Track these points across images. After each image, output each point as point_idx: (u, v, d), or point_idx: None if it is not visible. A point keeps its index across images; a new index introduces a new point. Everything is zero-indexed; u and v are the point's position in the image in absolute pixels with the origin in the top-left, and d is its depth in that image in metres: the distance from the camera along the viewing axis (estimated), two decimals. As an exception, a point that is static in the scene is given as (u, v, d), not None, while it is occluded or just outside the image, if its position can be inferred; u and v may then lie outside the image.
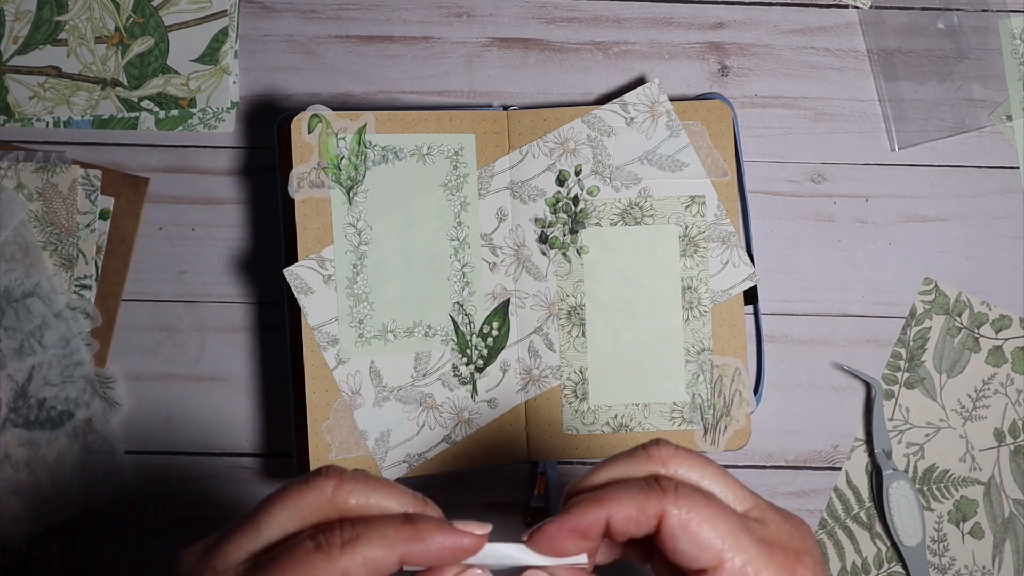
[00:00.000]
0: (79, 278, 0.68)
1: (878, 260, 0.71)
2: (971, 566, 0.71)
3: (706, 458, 0.43)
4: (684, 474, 0.43)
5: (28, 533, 0.67)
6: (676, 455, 0.43)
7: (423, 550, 0.40)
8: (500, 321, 0.68)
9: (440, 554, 0.40)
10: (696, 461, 0.43)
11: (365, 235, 0.66)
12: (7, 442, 0.67)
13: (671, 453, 0.43)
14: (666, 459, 0.43)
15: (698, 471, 0.43)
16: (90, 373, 0.68)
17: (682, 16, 0.71)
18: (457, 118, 0.67)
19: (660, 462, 0.43)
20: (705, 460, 0.43)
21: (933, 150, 0.71)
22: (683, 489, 0.41)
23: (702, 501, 0.41)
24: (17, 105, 0.69)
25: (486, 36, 0.71)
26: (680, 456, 0.43)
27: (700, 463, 0.43)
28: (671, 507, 0.40)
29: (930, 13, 0.71)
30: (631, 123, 0.68)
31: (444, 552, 0.40)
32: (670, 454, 0.43)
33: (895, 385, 0.71)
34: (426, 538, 0.40)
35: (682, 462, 0.43)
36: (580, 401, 0.68)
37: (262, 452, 0.69)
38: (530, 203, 0.68)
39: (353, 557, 0.39)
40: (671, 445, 0.43)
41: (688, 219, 0.68)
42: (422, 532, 0.40)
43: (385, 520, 0.40)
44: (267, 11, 0.71)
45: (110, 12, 0.69)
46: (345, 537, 0.39)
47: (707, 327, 0.68)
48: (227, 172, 0.70)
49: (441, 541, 0.40)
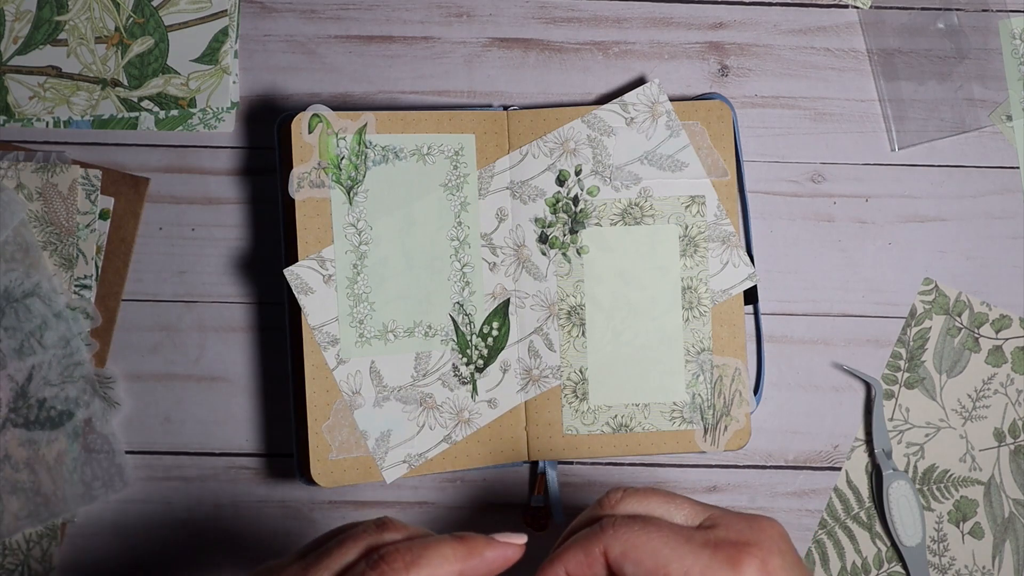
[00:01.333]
0: (79, 278, 0.68)
1: (878, 260, 0.71)
2: (971, 566, 0.71)
3: (652, 489, 0.47)
4: (630, 508, 0.46)
5: (28, 533, 0.67)
6: (624, 497, 0.47)
7: (478, 564, 0.43)
8: (500, 321, 0.68)
9: (491, 566, 0.44)
10: (641, 495, 0.47)
11: (365, 235, 0.66)
12: (7, 442, 0.67)
13: (619, 497, 0.47)
14: (614, 503, 0.46)
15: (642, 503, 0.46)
16: (90, 373, 0.68)
17: (682, 16, 0.71)
18: (457, 118, 0.67)
19: (609, 507, 0.46)
20: (649, 491, 0.47)
21: (933, 150, 0.72)
22: (620, 523, 0.44)
23: (637, 527, 0.44)
24: (17, 105, 0.69)
25: (486, 36, 0.71)
26: (627, 496, 0.47)
27: (644, 495, 0.47)
28: (610, 541, 0.44)
29: (930, 13, 0.71)
30: (631, 123, 0.68)
31: (495, 563, 0.44)
32: (618, 498, 0.47)
33: (895, 385, 0.71)
34: (480, 553, 0.44)
35: (628, 500, 0.47)
36: (580, 401, 0.68)
37: (262, 452, 0.69)
38: (530, 203, 0.68)
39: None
40: (619, 490, 0.47)
41: (688, 219, 0.68)
42: (476, 548, 0.44)
43: (439, 540, 0.44)
44: (267, 11, 0.71)
45: (110, 12, 0.69)
46: (407, 560, 0.42)
47: (707, 327, 0.68)
48: (227, 172, 0.70)
49: (492, 553, 0.44)
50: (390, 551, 0.42)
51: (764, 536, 0.45)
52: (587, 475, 0.70)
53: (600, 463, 0.71)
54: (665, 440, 0.67)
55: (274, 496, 0.69)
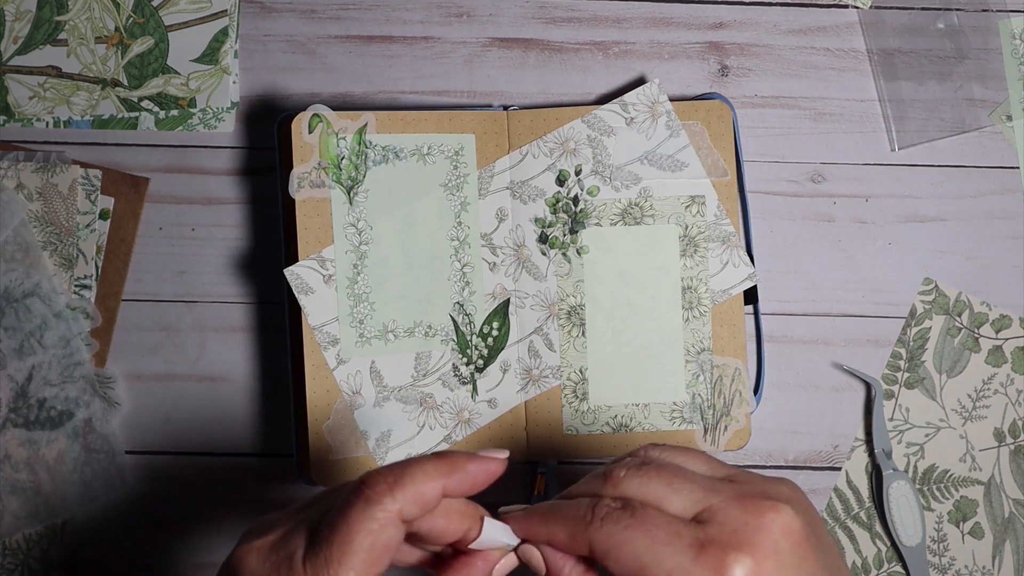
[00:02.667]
0: (79, 278, 0.68)
1: (878, 260, 0.71)
2: (971, 566, 0.71)
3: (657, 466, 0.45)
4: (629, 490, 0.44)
5: (28, 533, 0.67)
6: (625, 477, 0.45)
7: (462, 478, 0.43)
8: (500, 321, 0.68)
9: (475, 479, 0.43)
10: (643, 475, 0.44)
11: (365, 235, 0.66)
12: (7, 442, 0.67)
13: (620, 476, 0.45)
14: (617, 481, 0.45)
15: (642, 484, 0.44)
16: (90, 373, 0.68)
17: (682, 16, 0.71)
18: (457, 118, 0.67)
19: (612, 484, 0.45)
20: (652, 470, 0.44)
21: (933, 150, 0.72)
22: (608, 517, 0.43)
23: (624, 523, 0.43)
24: (17, 105, 0.69)
25: (486, 36, 0.71)
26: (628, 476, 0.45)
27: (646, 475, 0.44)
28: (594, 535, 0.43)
29: (930, 13, 0.71)
30: (631, 123, 0.68)
31: (478, 476, 0.44)
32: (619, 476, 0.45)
33: (895, 385, 0.71)
34: (462, 467, 0.43)
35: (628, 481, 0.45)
36: (580, 401, 0.68)
37: (262, 452, 0.69)
38: (530, 203, 0.68)
39: (405, 497, 0.41)
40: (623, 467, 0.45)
41: (688, 219, 0.68)
42: (457, 463, 0.43)
43: (420, 459, 0.43)
44: (267, 11, 0.71)
45: (110, 12, 0.69)
46: (389, 481, 0.41)
47: (707, 327, 0.68)
48: (227, 172, 0.70)
49: (475, 467, 0.43)
50: (371, 474, 0.42)
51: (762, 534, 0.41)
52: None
53: (600, 463, 0.71)
54: (665, 440, 0.67)
55: (274, 496, 0.69)
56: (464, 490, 0.43)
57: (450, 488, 0.43)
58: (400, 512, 0.41)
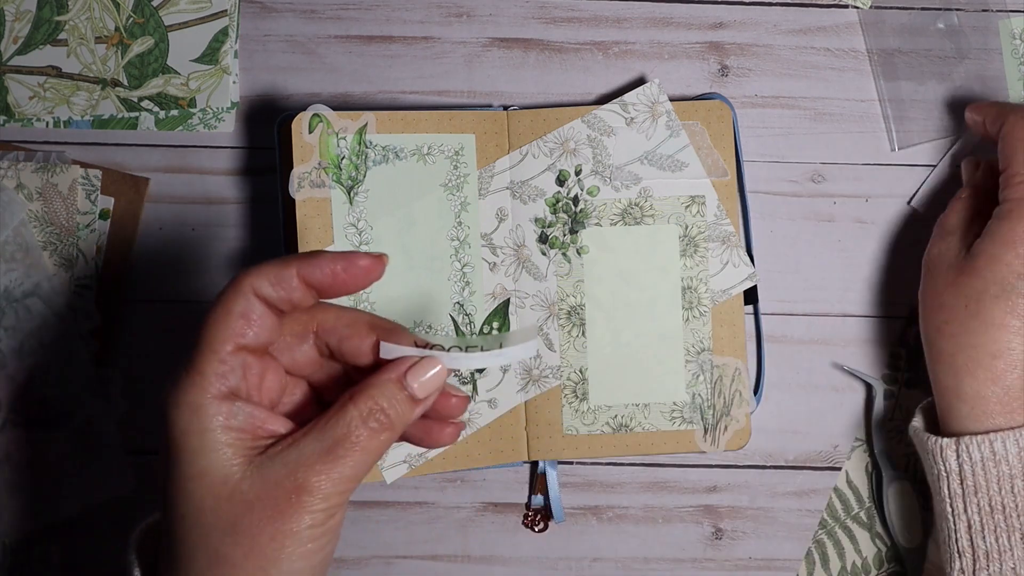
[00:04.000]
0: (79, 278, 0.68)
1: (878, 260, 0.71)
2: (971, 566, 0.71)
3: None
4: None
5: (28, 533, 0.67)
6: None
7: (317, 263, 0.45)
8: (500, 321, 0.68)
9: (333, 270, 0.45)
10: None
11: (366, 235, 0.66)
12: (7, 442, 0.67)
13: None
14: None
15: None
16: (90, 373, 0.68)
17: (682, 16, 0.71)
18: (457, 118, 0.67)
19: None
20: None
21: (933, 150, 0.72)
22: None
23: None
24: (17, 105, 0.69)
25: (486, 36, 0.71)
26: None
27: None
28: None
29: (930, 13, 0.71)
30: (631, 123, 0.68)
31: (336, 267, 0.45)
32: None
33: (895, 385, 0.71)
34: (318, 256, 0.45)
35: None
36: (580, 401, 0.68)
37: (262, 452, 0.69)
38: (530, 203, 0.68)
39: (258, 272, 0.44)
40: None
41: (688, 219, 0.68)
42: (315, 254, 0.45)
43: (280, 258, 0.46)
44: (267, 11, 0.71)
45: (110, 12, 0.69)
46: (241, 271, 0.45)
47: (707, 327, 0.68)
48: (227, 172, 0.70)
49: (328, 258, 0.45)
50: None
51: None
52: (587, 475, 0.70)
53: (600, 463, 0.71)
54: (665, 440, 0.67)
55: (274, 496, 0.69)
56: (325, 280, 0.45)
57: (306, 274, 0.45)
58: (251, 284, 0.44)
